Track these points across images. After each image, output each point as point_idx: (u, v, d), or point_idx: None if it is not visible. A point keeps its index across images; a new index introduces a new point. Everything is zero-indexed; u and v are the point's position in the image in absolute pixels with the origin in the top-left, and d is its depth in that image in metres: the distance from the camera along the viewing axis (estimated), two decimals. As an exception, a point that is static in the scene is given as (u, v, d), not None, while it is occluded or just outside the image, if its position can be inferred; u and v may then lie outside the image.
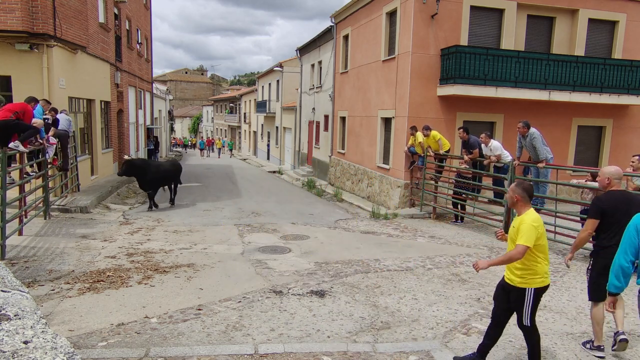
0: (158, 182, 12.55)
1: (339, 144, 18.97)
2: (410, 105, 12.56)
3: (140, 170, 11.96)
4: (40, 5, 10.38)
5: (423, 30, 12.32)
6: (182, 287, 6.27)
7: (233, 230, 10.10)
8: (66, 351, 1.57)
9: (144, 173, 11.98)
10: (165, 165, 13.27)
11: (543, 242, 4.06)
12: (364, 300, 5.99)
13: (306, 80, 24.69)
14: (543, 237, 4.06)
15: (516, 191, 4.18)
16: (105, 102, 16.33)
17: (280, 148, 31.89)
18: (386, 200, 13.70)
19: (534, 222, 4.00)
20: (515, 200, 4.18)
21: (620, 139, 14.29)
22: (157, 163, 13.63)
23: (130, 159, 12.27)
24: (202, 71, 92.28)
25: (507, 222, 9.63)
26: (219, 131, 60.68)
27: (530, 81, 12.25)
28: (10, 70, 10.88)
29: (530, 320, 4.14)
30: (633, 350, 4.79)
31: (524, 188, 4.17)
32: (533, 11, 13.02)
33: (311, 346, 4.66)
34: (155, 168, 12.48)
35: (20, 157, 8.70)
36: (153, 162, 13.57)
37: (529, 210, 4.13)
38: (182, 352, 4.42)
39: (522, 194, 4.15)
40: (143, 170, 11.98)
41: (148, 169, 12.13)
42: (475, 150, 10.72)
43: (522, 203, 4.15)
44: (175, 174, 13.16)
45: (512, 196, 4.20)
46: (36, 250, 7.74)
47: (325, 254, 8.27)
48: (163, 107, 35.07)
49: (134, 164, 11.91)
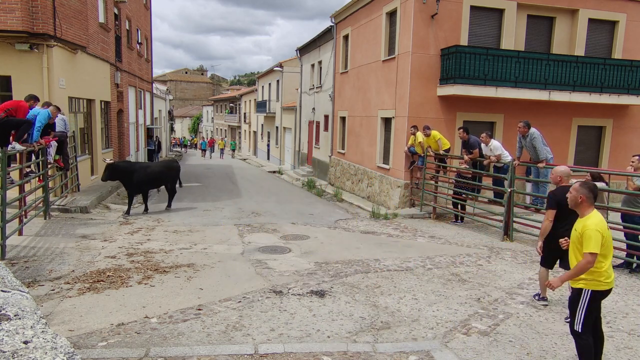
0: (145, 185, 11.79)
1: (339, 144, 18.97)
2: (410, 105, 12.56)
3: (125, 173, 11.34)
4: (40, 5, 10.38)
5: (423, 30, 12.32)
6: (182, 287, 6.27)
7: (233, 230, 10.10)
8: (66, 351, 1.57)
9: (129, 176, 11.37)
10: (154, 167, 12.42)
11: (607, 244, 3.93)
12: (364, 300, 5.99)
13: (306, 80, 24.69)
14: (608, 239, 3.94)
15: (580, 191, 4.03)
16: (105, 102, 16.33)
17: (280, 148, 31.89)
18: (386, 200, 13.70)
19: (598, 227, 3.87)
20: (579, 200, 4.04)
21: (620, 139, 14.29)
22: (144, 165, 12.62)
23: (112, 162, 11.46)
24: (202, 71, 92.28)
25: (507, 223, 9.64)
26: (219, 131, 60.67)
27: (530, 81, 12.25)
28: (10, 70, 10.88)
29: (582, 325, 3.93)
30: (633, 350, 4.79)
31: (589, 188, 4.03)
32: (533, 11, 13.02)
33: (311, 346, 4.66)
34: (141, 170, 11.71)
35: (20, 157, 8.69)
36: (139, 164, 12.56)
37: (592, 213, 3.99)
38: (182, 352, 4.42)
39: (587, 194, 4.01)
40: (127, 173, 11.35)
41: (133, 171, 11.44)
42: (475, 150, 10.73)
43: (586, 204, 4.02)
44: (168, 176, 12.34)
45: (577, 196, 4.04)
46: (36, 250, 7.74)
47: (325, 254, 8.27)
48: (163, 107, 35.08)
49: (116, 168, 11.26)
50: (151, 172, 11.97)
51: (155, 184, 12.39)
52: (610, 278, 3.94)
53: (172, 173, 12.53)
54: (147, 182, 11.81)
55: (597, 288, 3.90)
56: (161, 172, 12.25)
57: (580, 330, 3.94)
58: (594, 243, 3.81)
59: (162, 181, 12.42)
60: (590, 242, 3.82)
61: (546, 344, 4.88)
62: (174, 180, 12.67)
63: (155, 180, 12.18)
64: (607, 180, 8.41)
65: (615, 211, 8.15)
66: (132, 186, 11.59)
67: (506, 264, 7.86)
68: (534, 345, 4.85)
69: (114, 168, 11.23)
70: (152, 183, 12.18)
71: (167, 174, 12.36)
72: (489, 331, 5.16)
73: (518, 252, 8.70)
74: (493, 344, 4.84)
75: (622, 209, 7.72)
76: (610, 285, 3.96)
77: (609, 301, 6.15)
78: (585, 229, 3.88)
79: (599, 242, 3.82)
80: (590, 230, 3.84)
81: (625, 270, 7.58)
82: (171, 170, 12.54)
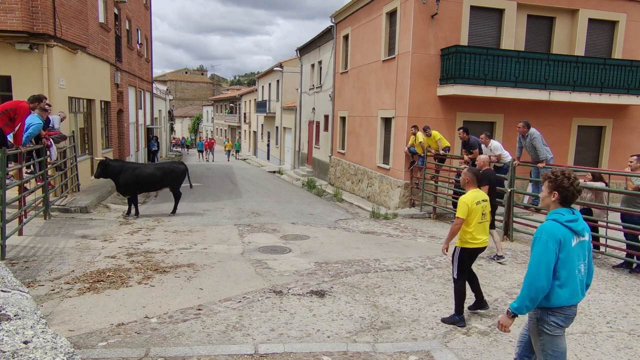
0: (134, 186, 11.14)
1: (339, 144, 18.97)
2: (410, 105, 12.56)
3: (115, 172, 10.96)
4: (40, 5, 10.37)
5: (423, 30, 12.32)
6: (182, 287, 6.26)
7: (233, 230, 10.10)
8: (66, 351, 1.57)
9: (117, 176, 10.97)
10: (146, 169, 11.56)
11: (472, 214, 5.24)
12: (364, 300, 5.99)
13: (306, 80, 24.69)
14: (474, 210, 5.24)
15: (467, 174, 5.40)
16: (105, 102, 16.33)
17: (280, 148, 31.88)
18: (386, 200, 13.70)
19: (466, 199, 5.23)
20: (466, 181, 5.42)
21: (620, 139, 14.29)
22: (134, 165, 11.76)
23: (104, 160, 11.11)
24: (202, 71, 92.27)
25: (507, 222, 9.64)
26: (219, 131, 60.66)
27: (530, 81, 12.25)
28: (10, 70, 10.87)
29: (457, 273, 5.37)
30: (633, 350, 4.79)
31: (473, 172, 5.39)
32: (533, 11, 13.02)
33: (311, 346, 4.65)
34: (130, 171, 11.06)
35: (19, 157, 8.68)
36: (130, 164, 11.77)
37: (471, 190, 5.33)
38: (182, 352, 4.42)
39: (471, 177, 5.37)
40: (117, 172, 10.96)
41: (121, 172, 10.97)
42: (475, 150, 10.72)
43: (470, 184, 5.39)
44: (164, 179, 11.52)
45: (464, 178, 5.44)
46: (36, 250, 7.74)
47: (325, 254, 8.27)
48: (163, 107, 35.08)
49: (107, 166, 10.93)
50: (140, 173, 11.20)
51: (147, 187, 11.64)
52: (476, 240, 5.25)
53: (167, 176, 11.56)
54: (134, 184, 11.10)
55: (465, 246, 5.30)
56: (153, 175, 11.37)
57: (456, 277, 5.34)
58: (461, 211, 5.16)
59: (157, 185, 11.68)
60: (459, 210, 5.19)
61: (546, 344, 4.88)
62: (173, 185, 11.75)
63: (148, 184, 11.42)
64: (606, 180, 8.40)
65: (615, 211, 8.16)
66: (119, 187, 11.17)
67: (506, 264, 7.86)
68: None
69: (106, 166, 10.96)
70: (144, 186, 11.42)
71: (160, 177, 11.46)
72: (489, 331, 5.16)
73: (518, 252, 8.70)
74: (493, 344, 4.84)
75: (622, 209, 7.72)
76: (476, 245, 5.28)
77: (609, 301, 6.16)
78: (459, 201, 5.24)
79: (465, 211, 5.15)
80: (460, 202, 5.20)
81: (625, 270, 7.57)
82: (167, 174, 11.55)
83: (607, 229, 8.07)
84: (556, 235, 3.11)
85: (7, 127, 8.16)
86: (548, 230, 3.14)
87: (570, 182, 3.18)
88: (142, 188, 11.49)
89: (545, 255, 3.09)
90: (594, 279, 7.13)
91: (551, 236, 3.11)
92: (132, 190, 11.24)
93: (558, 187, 3.21)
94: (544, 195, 3.31)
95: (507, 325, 3.33)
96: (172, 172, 11.71)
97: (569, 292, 3.16)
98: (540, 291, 3.10)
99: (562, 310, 3.19)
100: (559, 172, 3.25)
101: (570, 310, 3.22)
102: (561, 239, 3.11)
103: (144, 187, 11.53)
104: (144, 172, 11.37)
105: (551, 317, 3.21)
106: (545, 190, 3.29)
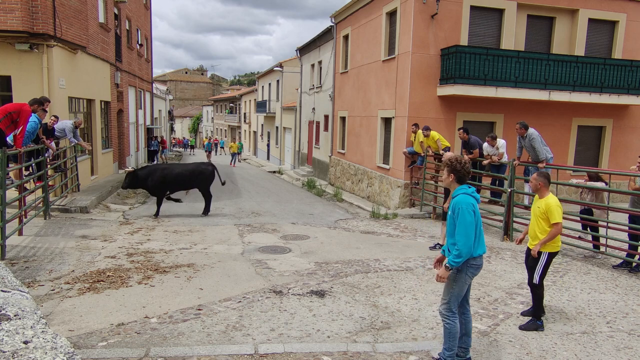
0: (162, 187, 11.39)
1: (339, 144, 18.97)
2: (410, 105, 12.56)
3: (144, 179, 11.23)
4: (40, 5, 10.38)
5: (423, 30, 12.32)
6: (182, 287, 6.26)
7: (233, 230, 10.10)
8: (66, 351, 1.57)
9: (145, 182, 11.27)
10: (175, 169, 11.77)
11: None
12: (364, 300, 5.99)
13: (306, 80, 24.69)
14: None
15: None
16: (105, 102, 16.33)
17: (280, 148, 31.88)
18: (386, 200, 13.70)
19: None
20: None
21: (620, 139, 14.29)
22: (162, 166, 12.11)
23: (132, 170, 11.39)
24: (202, 71, 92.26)
25: (507, 222, 9.64)
26: (219, 131, 60.65)
27: (530, 81, 12.25)
28: (10, 70, 10.88)
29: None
30: (633, 350, 4.79)
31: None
32: (533, 11, 13.02)
33: (311, 346, 4.65)
34: (158, 172, 11.38)
35: (19, 157, 8.68)
36: (158, 166, 12.22)
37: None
38: (182, 352, 4.42)
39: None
40: (146, 178, 11.22)
41: (150, 175, 11.29)
42: (475, 151, 10.73)
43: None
44: (192, 180, 11.62)
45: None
46: (36, 250, 7.74)
47: (325, 254, 8.27)
48: (163, 107, 35.09)
49: (136, 175, 11.21)
50: (168, 174, 11.43)
51: (175, 187, 11.67)
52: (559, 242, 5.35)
53: (201, 177, 11.64)
54: (161, 184, 11.33)
55: (554, 250, 5.31)
56: (180, 174, 11.53)
57: (537, 283, 5.32)
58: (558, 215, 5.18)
59: (185, 185, 11.71)
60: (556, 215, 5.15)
61: (546, 343, 4.88)
62: (202, 185, 11.76)
63: (174, 184, 11.51)
64: (606, 180, 8.40)
65: (615, 211, 8.15)
66: (149, 190, 11.50)
67: (506, 264, 7.86)
68: (534, 345, 4.86)
69: (135, 176, 11.24)
70: (170, 185, 11.53)
71: (191, 177, 11.60)
72: (489, 331, 5.16)
73: (518, 252, 8.69)
74: (493, 344, 4.84)
75: (629, 210, 7.69)
76: (560, 247, 5.37)
77: (609, 301, 6.16)
78: (551, 206, 5.18)
79: (561, 214, 5.20)
80: (554, 206, 5.19)
81: (625, 270, 7.57)
82: (200, 175, 11.66)
83: (608, 229, 8.07)
84: (470, 203, 4.00)
85: (9, 129, 8.16)
86: (465, 201, 4.00)
87: (462, 165, 4.11)
88: (170, 188, 11.60)
89: (469, 219, 3.94)
90: (594, 279, 7.15)
91: (468, 205, 3.98)
92: (160, 191, 11.39)
93: (453, 170, 4.13)
94: (445, 177, 4.24)
95: (444, 277, 4.10)
96: (201, 173, 11.76)
97: (483, 244, 4.16)
98: (471, 248, 3.97)
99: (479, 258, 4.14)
100: (454, 158, 4.17)
101: (482, 260, 4.18)
102: (473, 204, 4.02)
103: (171, 187, 11.62)
104: (172, 172, 11.54)
105: (472, 265, 4.10)
106: (445, 173, 4.21)
